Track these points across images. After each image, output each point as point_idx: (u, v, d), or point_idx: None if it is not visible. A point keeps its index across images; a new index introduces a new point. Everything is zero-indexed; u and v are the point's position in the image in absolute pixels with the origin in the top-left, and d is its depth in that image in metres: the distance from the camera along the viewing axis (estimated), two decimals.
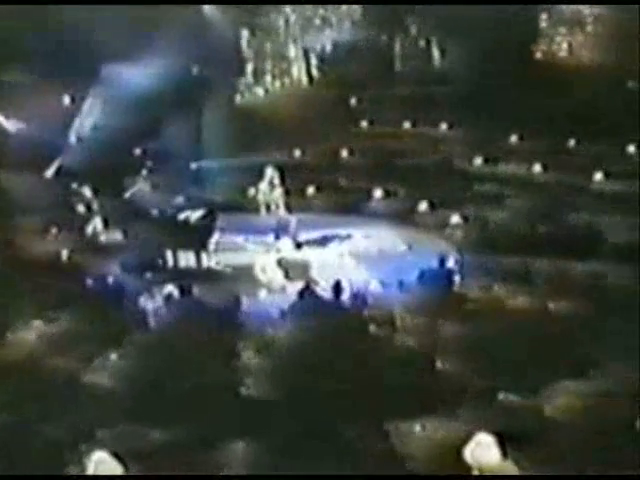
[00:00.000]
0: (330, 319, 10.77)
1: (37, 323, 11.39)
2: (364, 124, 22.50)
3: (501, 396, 8.90)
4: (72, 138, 19.49)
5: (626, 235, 14.48)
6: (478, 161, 19.13)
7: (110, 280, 13.40)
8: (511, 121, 20.65)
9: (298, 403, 9.12)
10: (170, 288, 12.39)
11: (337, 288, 11.63)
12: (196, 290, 12.46)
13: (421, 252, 13.77)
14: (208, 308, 11.92)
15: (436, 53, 23.61)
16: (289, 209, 14.67)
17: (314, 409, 8.93)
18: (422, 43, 23.92)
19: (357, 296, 11.18)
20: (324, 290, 11.62)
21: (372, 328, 10.60)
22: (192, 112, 19.48)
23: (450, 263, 12.27)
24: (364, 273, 12.97)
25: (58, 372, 10.16)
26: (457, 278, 11.86)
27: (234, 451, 8.54)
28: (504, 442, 7.55)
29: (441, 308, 10.79)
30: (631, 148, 18.41)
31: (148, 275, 13.40)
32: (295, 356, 10.03)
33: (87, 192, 16.33)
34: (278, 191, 14.39)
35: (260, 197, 14.55)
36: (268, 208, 14.51)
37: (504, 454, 7.61)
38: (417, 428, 8.59)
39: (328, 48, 24.75)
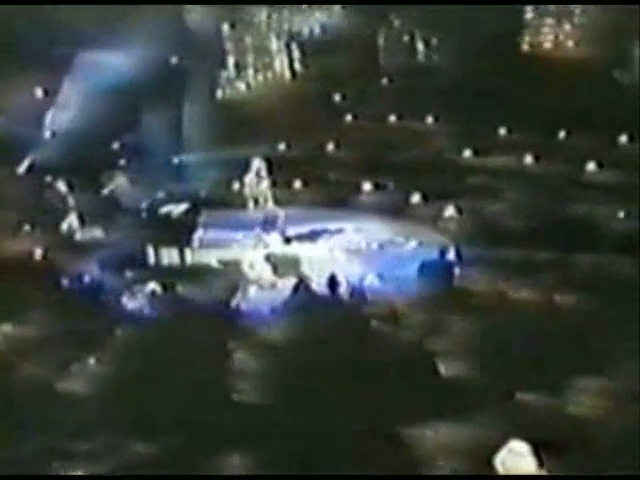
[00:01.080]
0: (327, 316, 9.77)
1: (5, 327, 10.37)
2: (348, 118, 21.81)
3: (519, 397, 8.08)
4: (46, 133, 18.34)
5: (622, 225, 13.89)
6: (467, 153, 18.45)
7: (88, 279, 12.35)
8: (498, 114, 19.97)
9: (297, 409, 8.21)
10: (152, 286, 11.38)
11: (332, 283, 10.69)
12: (180, 288, 11.44)
13: (417, 245, 12.96)
14: (194, 307, 10.87)
15: (420, 46, 22.84)
16: (277, 202, 13.74)
17: (314, 415, 8.04)
18: (406, 36, 23.15)
19: (355, 291, 10.25)
20: (319, 285, 10.71)
21: (373, 325, 9.63)
22: (172, 104, 18.41)
23: (450, 255, 11.44)
24: (358, 267, 12.09)
25: (29, 380, 9.11)
26: (458, 271, 11.04)
27: (227, 465, 7.55)
28: (539, 450, 6.69)
29: (444, 302, 9.90)
30: (623, 138, 17.88)
31: (128, 274, 12.38)
32: (291, 356, 9.03)
33: (62, 187, 15.21)
34: (265, 183, 13.44)
35: (247, 190, 13.55)
36: (256, 202, 13.55)
37: (540, 463, 6.75)
38: (429, 433, 7.73)
39: (311, 42, 23.89)
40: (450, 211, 14.43)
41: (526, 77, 20.50)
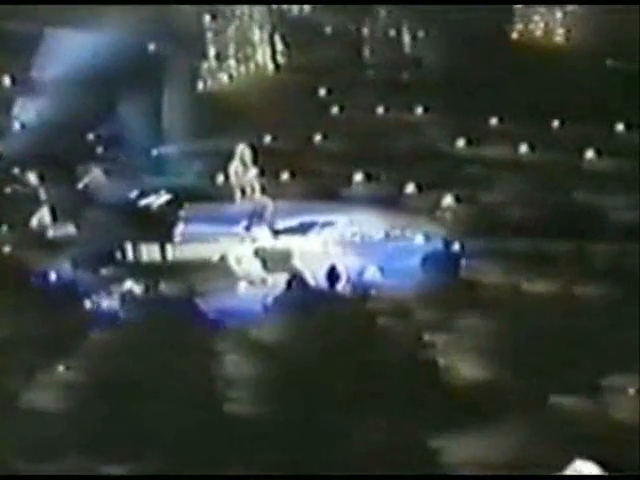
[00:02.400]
0: (327, 313, 8.48)
1: None
2: (335, 110, 20.78)
3: (553, 400, 6.84)
4: (15, 124, 16.89)
5: (628, 213, 13.03)
6: (461, 143, 17.51)
7: (59, 278, 11.06)
8: (489, 104, 19.08)
9: (296, 419, 7.02)
10: (130, 285, 10.10)
11: (331, 276, 9.47)
12: (161, 286, 10.16)
13: (418, 236, 11.90)
14: (177, 307, 9.65)
15: (407, 37, 21.82)
16: (264, 191, 12.55)
17: (317, 427, 6.85)
18: (392, 27, 22.11)
19: (356, 285, 9.05)
20: (315, 279, 9.50)
21: (380, 322, 8.34)
22: (151, 94, 17.07)
23: (455, 246, 10.36)
24: (355, 260, 10.96)
25: None
26: (464, 263, 9.96)
27: None
28: (608, 469, 5.55)
29: (455, 296, 8.78)
30: (620, 127, 17.06)
31: (104, 271, 11.10)
32: (288, 360, 7.69)
33: (32, 179, 13.82)
34: (252, 172, 12.25)
35: (233, 179, 12.34)
36: (242, 192, 12.33)
37: None
38: (450, 445, 6.55)
39: (294, 34, 22.77)
40: (448, 200, 13.39)
41: (516, 66, 19.55)
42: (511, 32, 20.98)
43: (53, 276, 10.76)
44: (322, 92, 21.54)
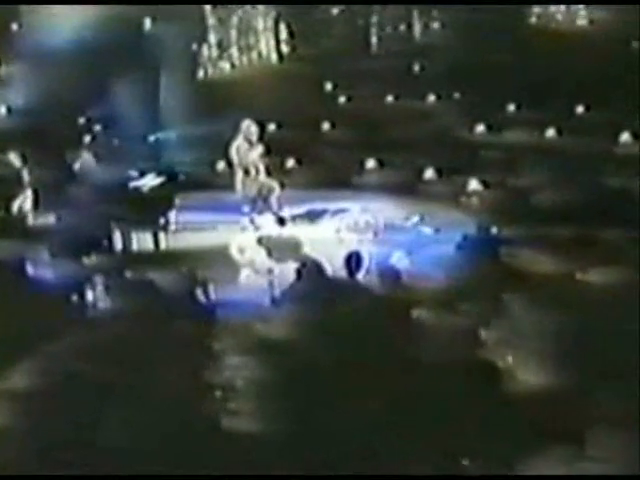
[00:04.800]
0: (349, 306, 6.83)
1: None
2: (342, 100, 19.34)
3: None
4: (0, 108, 15.38)
5: None
6: (480, 129, 16.02)
7: (38, 268, 9.53)
8: (507, 90, 17.64)
9: (313, 438, 5.39)
10: (117, 275, 8.50)
11: (352, 262, 7.79)
12: (153, 277, 8.57)
13: (441, 222, 10.33)
14: (170, 300, 8.10)
15: (417, 24, 20.32)
16: (270, 174, 10.97)
17: (340, 448, 5.23)
18: (402, 12, 20.63)
19: (383, 273, 7.40)
20: (332, 267, 7.88)
21: (416, 316, 6.50)
22: (147, 75, 15.55)
23: (490, 232, 8.76)
24: (375, 248, 9.39)
25: None
26: (504, 249, 8.37)
27: None
28: None
29: (499, 286, 7.17)
30: None
31: (87, 261, 9.53)
32: (303, 363, 5.87)
33: (15, 161, 12.22)
34: (258, 150, 10.67)
35: (234, 157, 10.74)
36: (246, 173, 10.72)
37: None
38: (513, 471, 4.95)
39: (299, 22, 21.29)
40: (474, 185, 11.83)
41: (536, 51, 18.05)
42: (530, 16, 19.54)
43: (32, 265, 9.20)
44: (328, 81, 20.19)
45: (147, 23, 16.53)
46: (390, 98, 19.29)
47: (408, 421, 5.32)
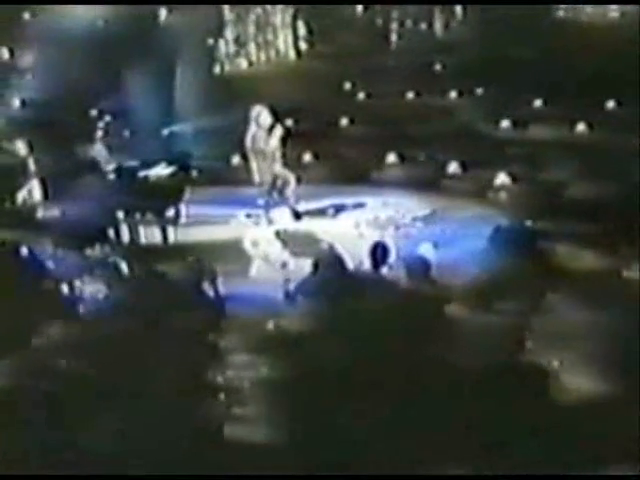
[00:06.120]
0: (374, 301, 6.00)
1: None
2: (361, 96, 18.66)
3: None
4: (15, 101, 14.88)
5: None
6: (505, 124, 15.21)
7: (37, 259, 8.92)
8: (532, 85, 16.82)
9: (326, 452, 4.63)
10: (116, 265, 7.84)
11: (376, 254, 7.03)
12: (156, 268, 7.88)
13: (469, 216, 9.57)
14: (174, 293, 7.42)
15: (438, 19, 19.54)
16: (286, 164, 10.28)
17: (362, 463, 4.47)
18: (423, 7, 19.86)
19: (410, 266, 6.60)
20: (354, 260, 7.12)
21: (448, 312, 5.59)
22: (162, 67, 14.97)
23: (525, 227, 7.95)
24: (397, 241, 8.63)
25: None
26: (541, 244, 7.57)
27: None
28: None
29: (538, 282, 6.39)
30: None
31: (91, 251, 8.89)
32: (322, 364, 4.96)
33: (21, 149, 11.65)
34: (277, 134, 9.98)
35: (249, 145, 10.07)
36: (262, 161, 10.03)
37: None
38: None
39: (318, 18, 20.65)
40: (502, 179, 11.05)
41: (563, 46, 17.12)
42: (557, 10, 18.65)
43: (33, 257, 8.59)
44: (347, 78, 19.50)
45: (162, 14, 15.95)
46: (411, 95, 18.65)
47: (440, 432, 4.54)
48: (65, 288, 7.67)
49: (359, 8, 21.44)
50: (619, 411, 4.66)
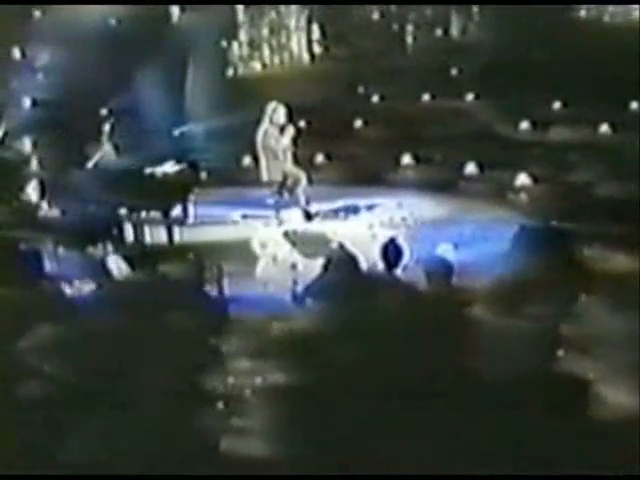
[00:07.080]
0: (388, 303, 5.59)
1: None
2: (375, 99, 18.29)
3: None
4: (25, 101, 14.65)
5: None
6: (524, 126, 14.68)
7: (37, 257, 8.57)
8: (552, 87, 16.31)
9: (335, 466, 4.17)
10: (117, 263, 7.45)
11: (389, 253, 6.51)
12: (159, 268, 7.47)
13: (490, 218, 9.08)
14: (176, 293, 6.98)
15: (455, 21, 19.09)
16: (298, 162, 9.84)
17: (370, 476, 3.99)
18: (440, 8, 19.43)
19: (429, 267, 6.08)
20: (367, 261, 6.61)
21: (469, 315, 5.28)
22: (174, 67, 14.66)
23: (550, 228, 7.42)
24: (412, 242, 8.16)
25: None
26: (571, 246, 7.02)
27: None
28: None
29: (568, 285, 5.88)
30: None
31: (92, 250, 8.51)
32: (332, 371, 4.55)
33: (26, 146, 11.34)
34: (289, 133, 9.55)
35: (260, 141, 9.65)
36: (273, 158, 9.59)
37: None
38: None
39: (332, 22, 20.29)
40: (522, 180, 10.53)
41: (584, 48, 16.65)
42: (578, 11, 18.07)
43: (36, 256, 8.25)
44: (361, 80, 19.13)
45: (175, 14, 15.65)
46: (426, 97, 18.24)
47: (461, 445, 4.04)
48: (65, 288, 7.31)
49: (375, 13, 21.12)
50: None
